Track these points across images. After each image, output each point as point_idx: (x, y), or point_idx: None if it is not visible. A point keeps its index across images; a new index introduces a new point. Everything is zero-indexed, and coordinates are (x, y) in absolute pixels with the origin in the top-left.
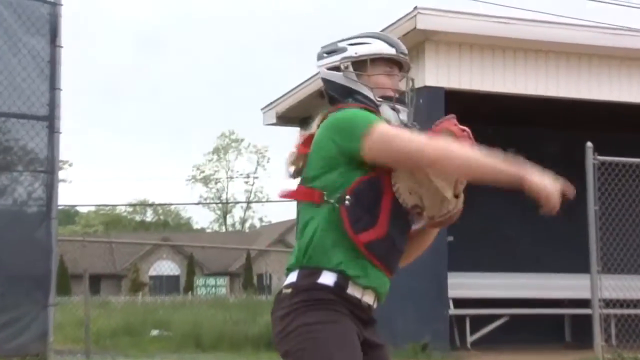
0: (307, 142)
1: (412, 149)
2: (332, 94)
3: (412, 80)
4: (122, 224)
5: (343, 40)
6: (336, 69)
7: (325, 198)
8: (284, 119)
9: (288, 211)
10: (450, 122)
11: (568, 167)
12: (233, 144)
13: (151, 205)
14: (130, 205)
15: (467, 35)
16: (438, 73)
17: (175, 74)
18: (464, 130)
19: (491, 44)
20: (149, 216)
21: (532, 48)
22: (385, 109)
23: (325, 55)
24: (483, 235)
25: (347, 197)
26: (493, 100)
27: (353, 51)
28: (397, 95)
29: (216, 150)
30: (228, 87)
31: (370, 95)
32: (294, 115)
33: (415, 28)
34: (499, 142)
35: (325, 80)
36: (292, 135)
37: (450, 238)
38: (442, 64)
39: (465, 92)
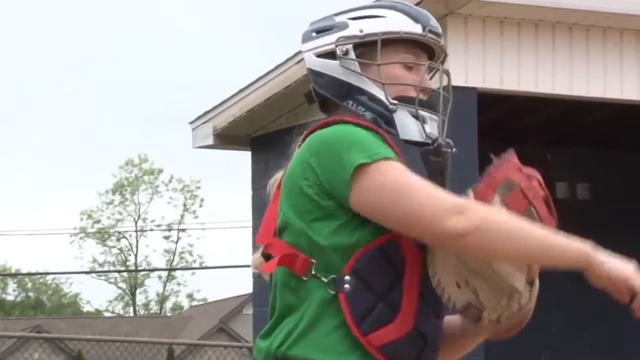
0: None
1: (427, 214)
2: (323, 94)
3: (448, 73)
4: None
5: (342, 12)
6: (330, 55)
7: (314, 272)
8: (226, 139)
9: (234, 283)
10: (513, 164)
11: None
12: (145, 178)
13: (14, 275)
14: None
15: (515, 6)
16: (467, 65)
17: (55, 70)
18: (531, 179)
19: (552, 20)
20: (11, 293)
21: (615, 26)
22: (402, 117)
23: (314, 35)
24: (542, 321)
25: (347, 277)
26: (555, 107)
27: (357, 28)
28: (422, 96)
29: (118, 188)
30: (138, 90)
31: (381, 95)
32: (242, 132)
33: None
34: (564, 172)
35: (313, 73)
36: (240, 165)
37: None
38: (475, 51)
39: (510, 96)
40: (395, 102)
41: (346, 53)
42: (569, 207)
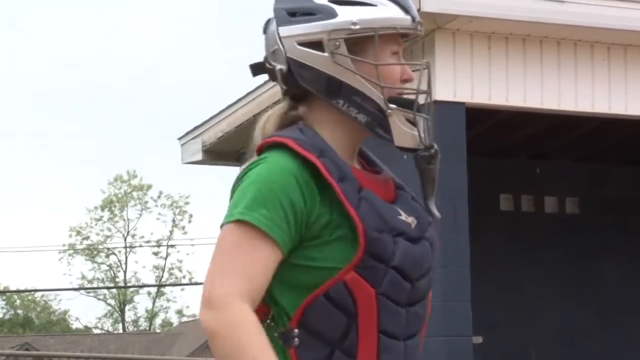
0: None
1: (204, 290)
2: (304, 86)
3: (428, 65)
4: None
5: None
6: (316, 45)
7: (269, 321)
8: (215, 154)
9: None
10: None
11: None
12: (134, 194)
13: (2, 292)
14: None
15: (503, 21)
16: (456, 80)
17: (43, 85)
18: None
19: (540, 35)
20: None
21: (603, 40)
22: (398, 122)
23: (290, 17)
24: (530, 334)
25: (295, 330)
26: (544, 121)
27: (348, 19)
28: (414, 97)
29: (107, 204)
30: (127, 106)
31: (375, 96)
32: (231, 147)
33: (419, 10)
34: (553, 186)
35: (295, 64)
36: (229, 180)
37: (479, 339)
38: (463, 66)
39: (498, 111)
40: (393, 106)
41: (338, 47)
42: (558, 222)
